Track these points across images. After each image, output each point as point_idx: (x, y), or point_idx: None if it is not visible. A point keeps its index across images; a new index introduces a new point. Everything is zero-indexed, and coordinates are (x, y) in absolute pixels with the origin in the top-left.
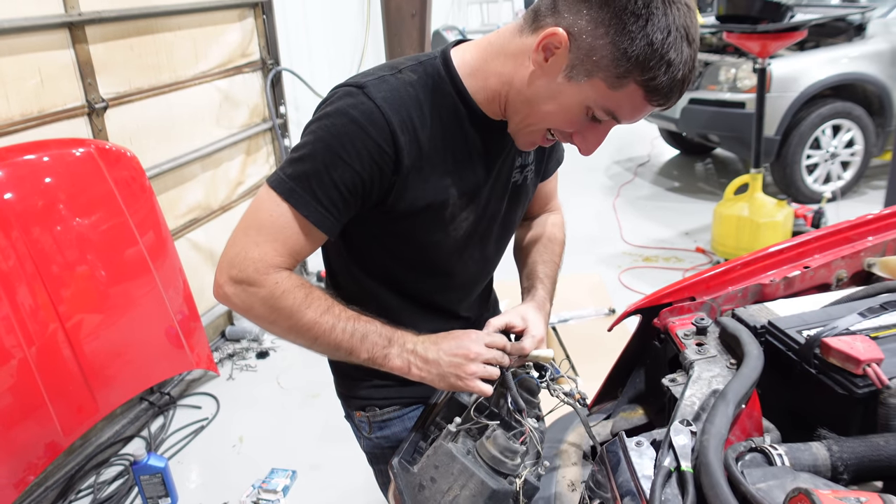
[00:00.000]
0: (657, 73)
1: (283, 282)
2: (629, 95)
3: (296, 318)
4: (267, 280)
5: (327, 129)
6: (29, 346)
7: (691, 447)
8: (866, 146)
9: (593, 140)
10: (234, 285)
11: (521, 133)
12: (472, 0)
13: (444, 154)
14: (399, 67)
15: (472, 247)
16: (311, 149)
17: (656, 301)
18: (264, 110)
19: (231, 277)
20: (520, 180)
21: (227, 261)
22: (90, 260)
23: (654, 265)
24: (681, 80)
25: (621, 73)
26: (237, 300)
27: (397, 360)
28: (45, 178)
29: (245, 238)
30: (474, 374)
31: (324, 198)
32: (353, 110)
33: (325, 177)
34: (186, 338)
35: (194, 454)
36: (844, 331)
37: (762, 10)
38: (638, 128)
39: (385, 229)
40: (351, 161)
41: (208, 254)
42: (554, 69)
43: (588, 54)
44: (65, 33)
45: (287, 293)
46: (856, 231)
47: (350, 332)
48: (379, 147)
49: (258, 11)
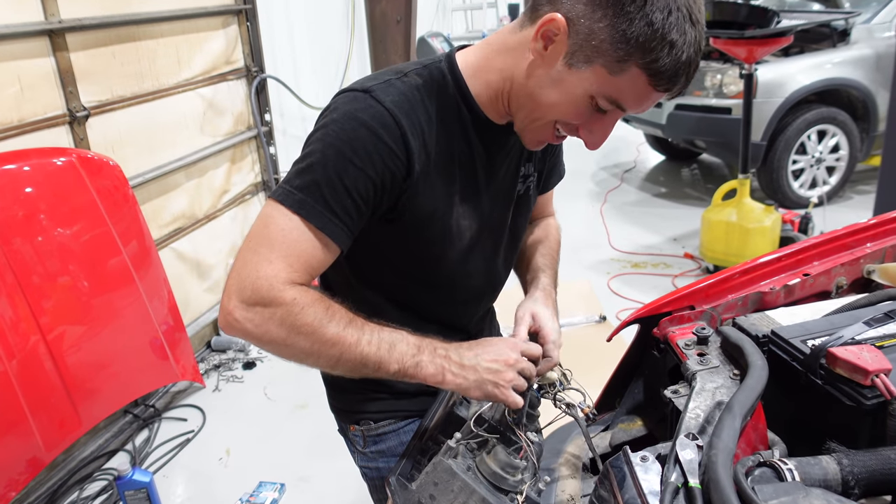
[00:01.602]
0: (659, 54)
1: (301, 297)
2: (632, 81)
3: (318, 334)
4: (283, 297)
5: (336, 135)
6: (9, 360)
7: (698, 462)
8: (851, 151)
9: (599, 132)
10: (247, 309)
11: (528, 130)
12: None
13: (450, 159)
14: (405, 71)
15: (476, 257)
16: (320, 156)
17: (655, 310)
18: (249, 118)
19: (243, 301)
20: (522, 190)
21: (235, 284)
22: (72, 271)
23: (643, 271)
24: (686, 63)
25: (621, 56)
26: (250, 325)
27: (430, 367)
28: (26, 187)
29: (255, 256)
30: (511, 383)
31: (337, 207)
32: (363, 114)
33: (338, 184)
34: (171, 349)
35: (180, 468)
36: (850, 340)
37: (748, 16)
38: (624, 133)
39: (386, 238)
40: (364, 166)
41: (193, 263)
42: (554, 57)
43: (587, 39)
44: (45, 41)
45: (307, 308)
46: (854, 238)
47: (377, 344)
48: (391, 151)
49: (242, 18)
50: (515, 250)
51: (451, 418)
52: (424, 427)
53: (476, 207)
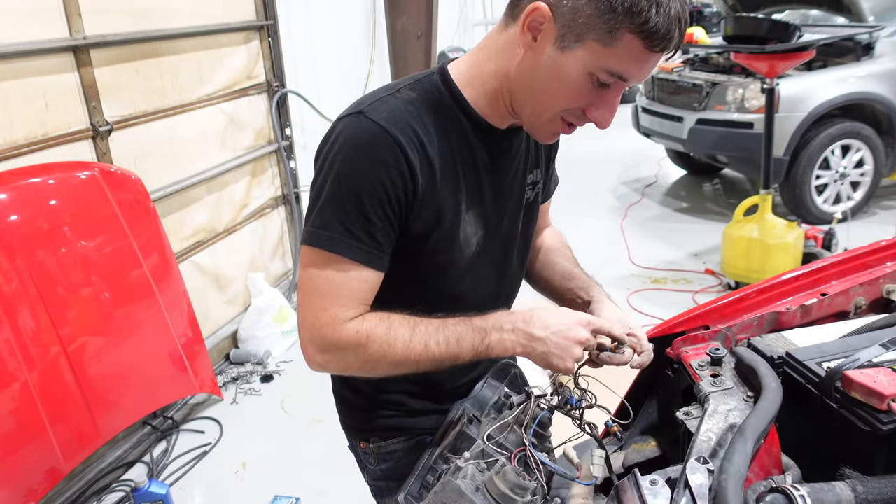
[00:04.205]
0: (649, 14)
1: (363, 328)
2: (627, 47)
3: (390, 356)
4: (348, 335)
5: (341, 165)
6: (30, 371)
7: (708, 486)
8: (876, 166)
9: (606, 109)
10: (323, 354)
11: (537, 126)
12: (477, 21)
13: (454, 169)
14: (397, 88)
15: (485, 265)
16: (330, 190)
17: (669, 330)
18: (270, 132)
19: (318, 349)
20: (532, 197)
21: (306, 336)
22: (94, 283)
23: (663, 287)
24: (676, 17)
25: (612, 26)
26: (334, 366)
27: (498, 346)
28: (50, 200)
29: (312, 307)
30: (576, 359)
31: (362, 234)
32: (359, 137)
33: (355, 213)
34: (190, 361)
35: (196, 480)
36: (867, 363)
37: (770, 30)
38: (645, 148)
39: (398, 250)
40: (374, 190)
41: (213, 276)
42: (544, 45)
43: (574, 18)
44: (69, 57)
45: (371, 337)
46: (874, 257)
47: (444, 343)
48: (396, 169)
49: (264, 34)
50: (527, 257)
51: (460, 437)
52: (434, 446)
53: (481, 214)
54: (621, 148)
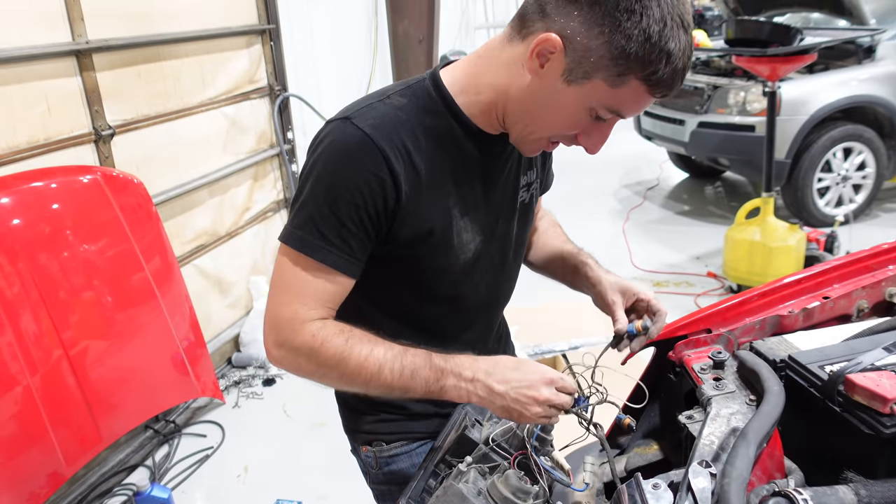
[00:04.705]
0: (658, 66)
1: (320, 332)
2: (632, 91)
3: (342, 367)
4: (304, 336)
5: (322, 168)
6: (32, 374)
7: (711, 490)
8: (878, 169)
9: (598, 138)
10: (279, 349)
11: (524, 142)
12: (479, 25)
13: (443, 175)
14: (387, 93)
15: (482, 270)
16: (309, 192)
17: (671, 333)
18: (272, 136)
19: (274, 342)
20: (527, 199)
21: (267, 327)
22: (96, 286)
23: (665, 290)
24: (682, 69)
25: (621, 71)
26: (286, 363)
27: (453, 392)
28: (52, 204)
29: (275, 301)
30: (537, 416)
31: (335, 238)
32: (343, 143)
33: (330, 217)
34: (192, 365)
35: (199, 484)
36: (869, 366)
37: (771, 33)
38: (647, 151)
39: (388, 255)
40: (352, 196)
41: (215, 280)
42: (551, 75)
43: (585, 56)
44: (72, 61)
45: (326, 343)
46: (876, 260)
47: (399, 372)
48: (376, 176)
49: (266, 38)
50: (520, 260)
51: (462, 441)
52: (436, 450)
53: (477, 219)
54: (623, 151)
